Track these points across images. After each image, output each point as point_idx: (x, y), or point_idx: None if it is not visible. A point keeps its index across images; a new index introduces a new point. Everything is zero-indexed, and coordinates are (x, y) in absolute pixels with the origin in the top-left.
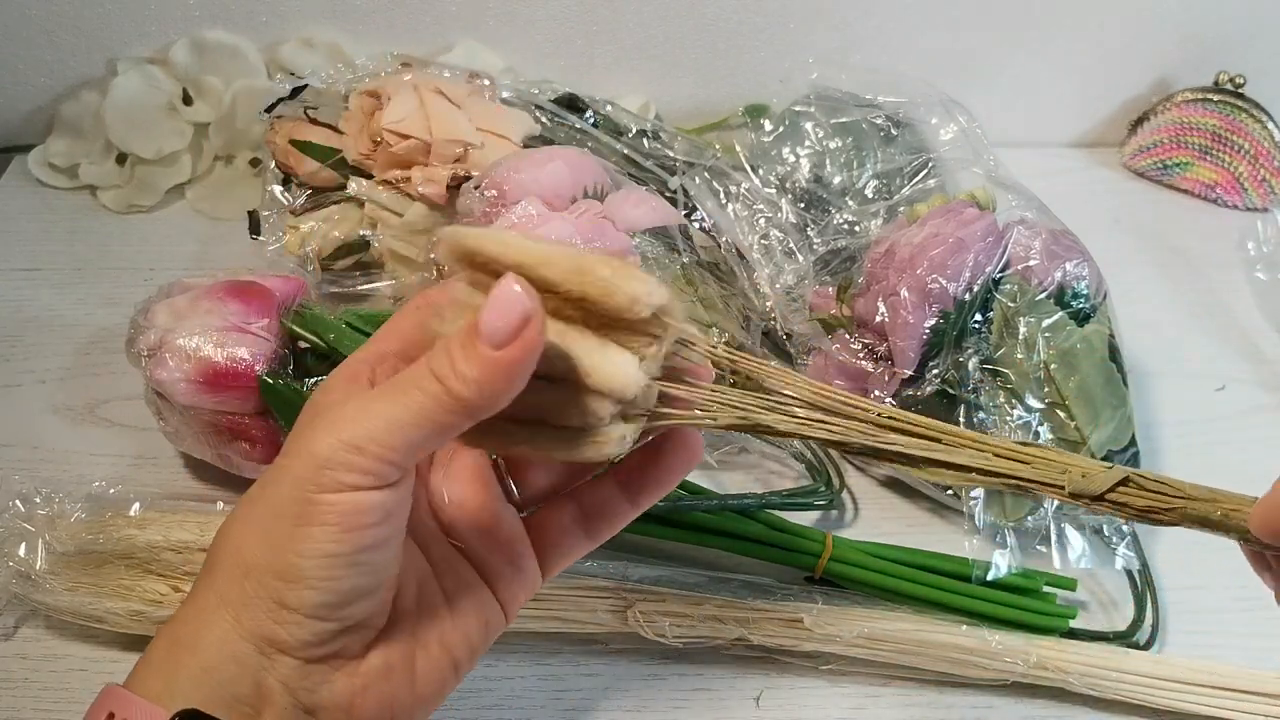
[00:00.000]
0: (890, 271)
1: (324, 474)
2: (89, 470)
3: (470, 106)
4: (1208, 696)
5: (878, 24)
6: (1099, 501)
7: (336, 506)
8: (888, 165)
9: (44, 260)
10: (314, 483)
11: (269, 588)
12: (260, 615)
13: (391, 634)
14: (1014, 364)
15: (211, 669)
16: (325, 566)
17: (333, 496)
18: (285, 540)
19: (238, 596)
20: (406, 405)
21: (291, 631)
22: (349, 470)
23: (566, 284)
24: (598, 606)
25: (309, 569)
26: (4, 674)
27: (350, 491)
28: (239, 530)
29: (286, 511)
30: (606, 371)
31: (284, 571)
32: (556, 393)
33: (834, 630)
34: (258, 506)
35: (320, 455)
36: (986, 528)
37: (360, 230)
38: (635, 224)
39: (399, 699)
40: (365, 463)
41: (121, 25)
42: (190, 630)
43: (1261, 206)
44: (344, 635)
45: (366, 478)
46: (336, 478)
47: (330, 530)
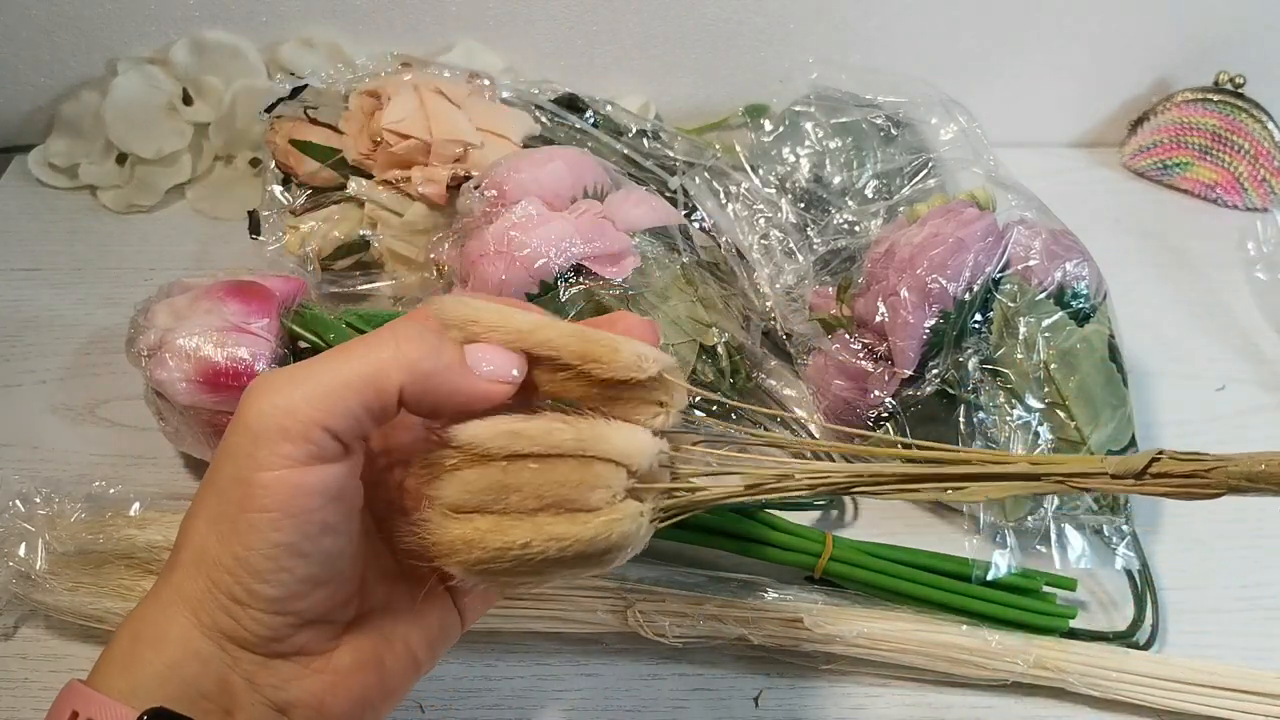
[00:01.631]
0: (890, 271)
1: (258, 447)
2: (89, 470)
3: (470, 106)
4: (1207, 696)
5: (878, 24)
6: (1142, 479)
7: (273, 489)
8: (888, 165)
9: (44, 260)
10: (250, 458)
11: (221, 582)
12: (216, 611)
13: (360, 631)
14: (1014, 364)
15: (175, 666)
16: (272, 557)
17: (268, 476)
18: (230, 530)
19: (194, 591)
20: (347, 362)
21: (249, 627)
22: (282, 439)
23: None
24: (598, 606)
25: (256, 561)
26: (4, 674)
27: (287, 468)
28: (192, 524)
29: (229, 496)
30: (617, 441)
31: (232, 565)
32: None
33: (834, 630)
34: (207, 491)
35: (251, 424)
36: (986, 528)
37: (360, 230)
38: (635, 224)
39: (369, 696)
40: (299, 428)
41: (121, 25)
42: (152, 626)
43: (1261, 206)
44: (306, 630)
45: (302, 448)
46: (272, 451)
47: (271, 516)
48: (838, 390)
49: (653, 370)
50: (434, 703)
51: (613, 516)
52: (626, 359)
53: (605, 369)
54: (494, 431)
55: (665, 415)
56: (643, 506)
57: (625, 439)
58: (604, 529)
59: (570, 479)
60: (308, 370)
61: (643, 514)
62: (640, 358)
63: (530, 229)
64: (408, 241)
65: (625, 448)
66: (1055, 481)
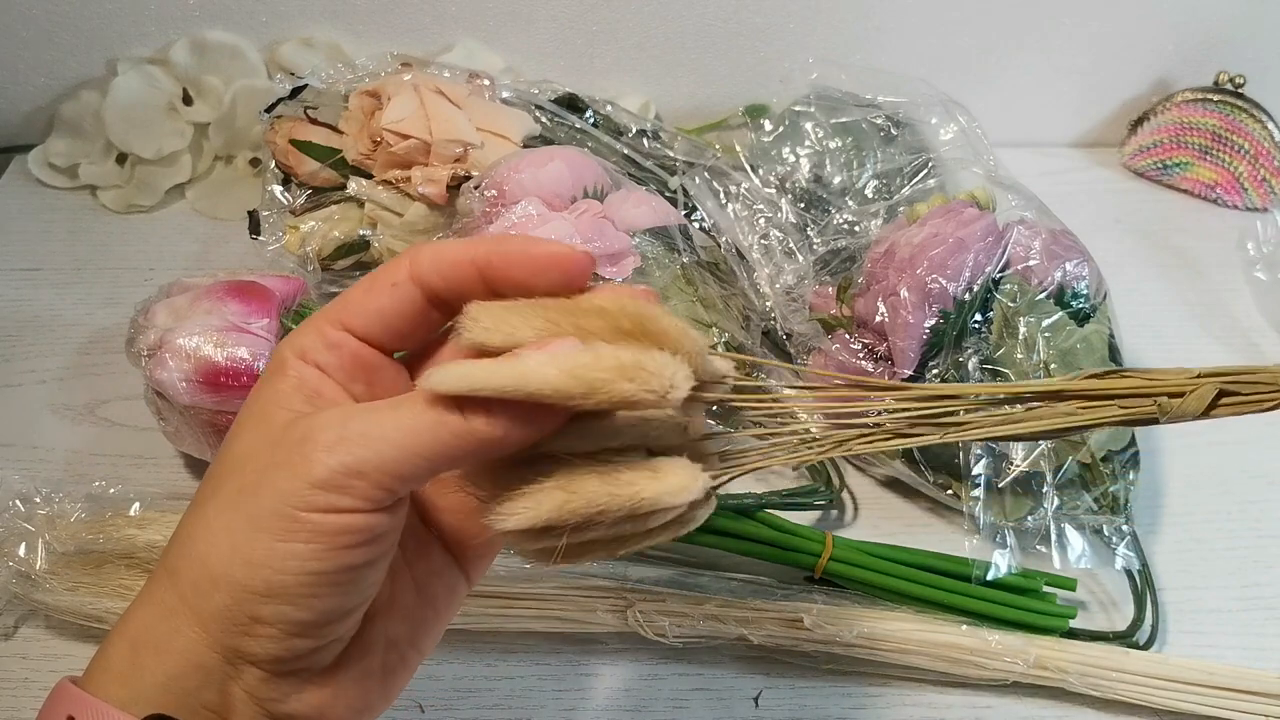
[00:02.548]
0: (890, 271)
1: (317, 495)
2: (89, 470)
3: (470, 106)
4: (1207, 696)
5: (878, 24)
6: (1204, 418)
7: (323, 526)
8: (888, 165)
9: (44, 260)
10: (303, 501)
11: (242, 601)
12: (232, 629)
13: (363, 641)
14: (1014, 364)
15: (177, 676)
16: (307, 584)
17: (319, 517)
18: (264, 555)
19: (209, 608)
20: (422, 435)
21: (264, 646)
22: (344, 495)
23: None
24: (598, 606)
25: (291, 585)
26: (4, 674)
27: (340, 514)
28: (206, 536)
29: (267, 526)
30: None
31: (261, 588)
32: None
33: (834, 630)
34: (229, 515)
35: (316, 477)
36: (986, 528)
37: (360, 230)
38: (635, 224)
39: (369, 702)
40: (364, 489)
41: (121, 25)
42: (153, 635)
43: (1261, 206)
44: (317, 651)
45: (361, 503)
46: (330, 500)
47: (315, 548)
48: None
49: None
50: (434, 703)
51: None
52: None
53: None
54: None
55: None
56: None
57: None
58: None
59: (633, 528)
60: (382, 427)
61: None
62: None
63: (530, 229)
64: (408, 241)
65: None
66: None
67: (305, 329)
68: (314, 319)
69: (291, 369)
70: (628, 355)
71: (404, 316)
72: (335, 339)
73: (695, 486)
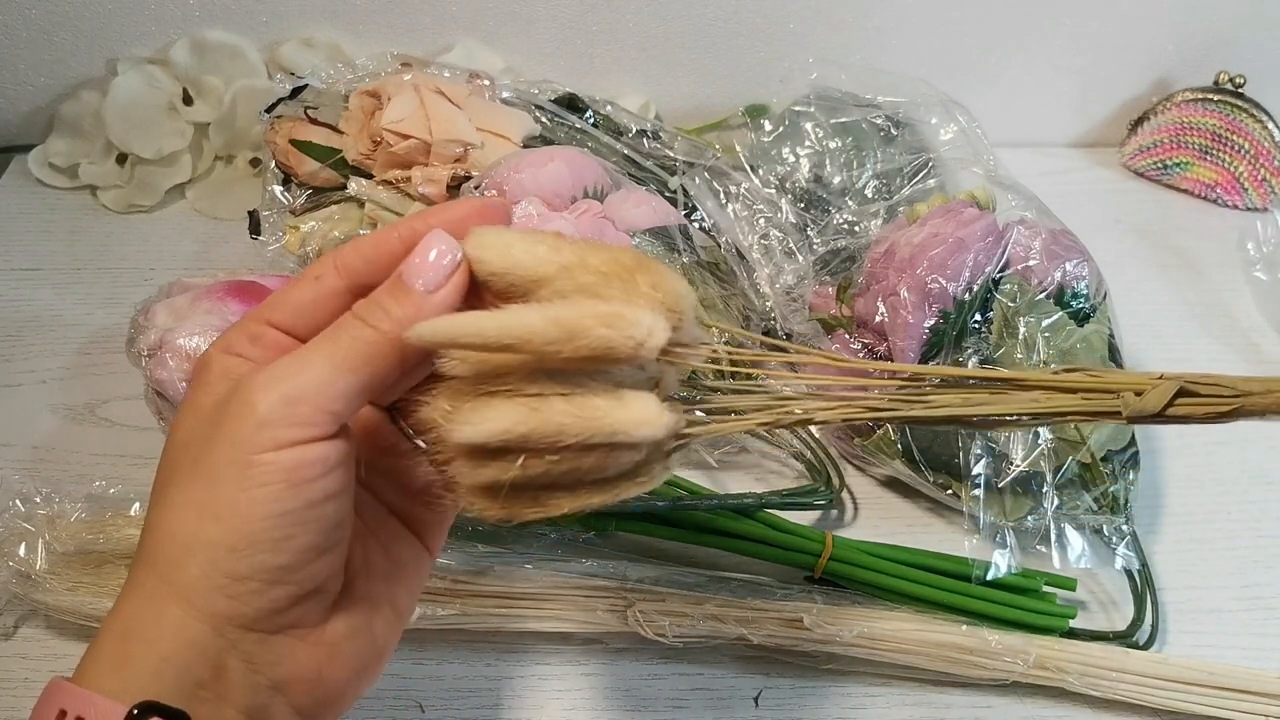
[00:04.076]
0: (890, 271)
1: (263, 433)
2: (89, 470)
3: (470, 106)
4: (1207, 696)
5: (878, 24)
6: (1159, 419)
7: (278, 462)
8: (888, 165)
9: (44, 260)
10: (253, 443)
11: (219, 561)
12: (212, 593)
13: (349, 598)
14: (1014, 364)
15: (169, 658)
16: (277, 526)
17: (271, 454)
18: (229, 508)
19: (186, 579)
20: (339, 351)
21: (249, 602)
22: (289, 424)
23: (562, 352)
24: (598, 606)
25: (260, 531)
26: (4, 674)
27: (291, 447)
28: (170, 513)
29: (225, 477)
30: (630, 425)
31: (234, 541)
32: (588, 457)
33: (834, 630)
34: (188, 487)
35: (259, 413)
36: (986, 528)
37: (360, 230)
38: (635, 224)
39: (364, 659)
40: (305, 413)
41: (121, 25)
42: (141, 621)
43: (1261, 206)
44: (304, 602)
45: (307, 429)
46: (276, 435)
47: (276, 488)
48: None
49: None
50: (434, 703)
51: (639, 479)
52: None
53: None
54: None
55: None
56: (666, 463)
57: (636, 424)
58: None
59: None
60: (308, 358)
61: (666, 468)
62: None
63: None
64: None
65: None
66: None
67: (230, 329)
68: (240, 320)
69: (215, 363)
70: (606, 306)
71: (325, 306)
72: (257, 332)
73: (660, 422)
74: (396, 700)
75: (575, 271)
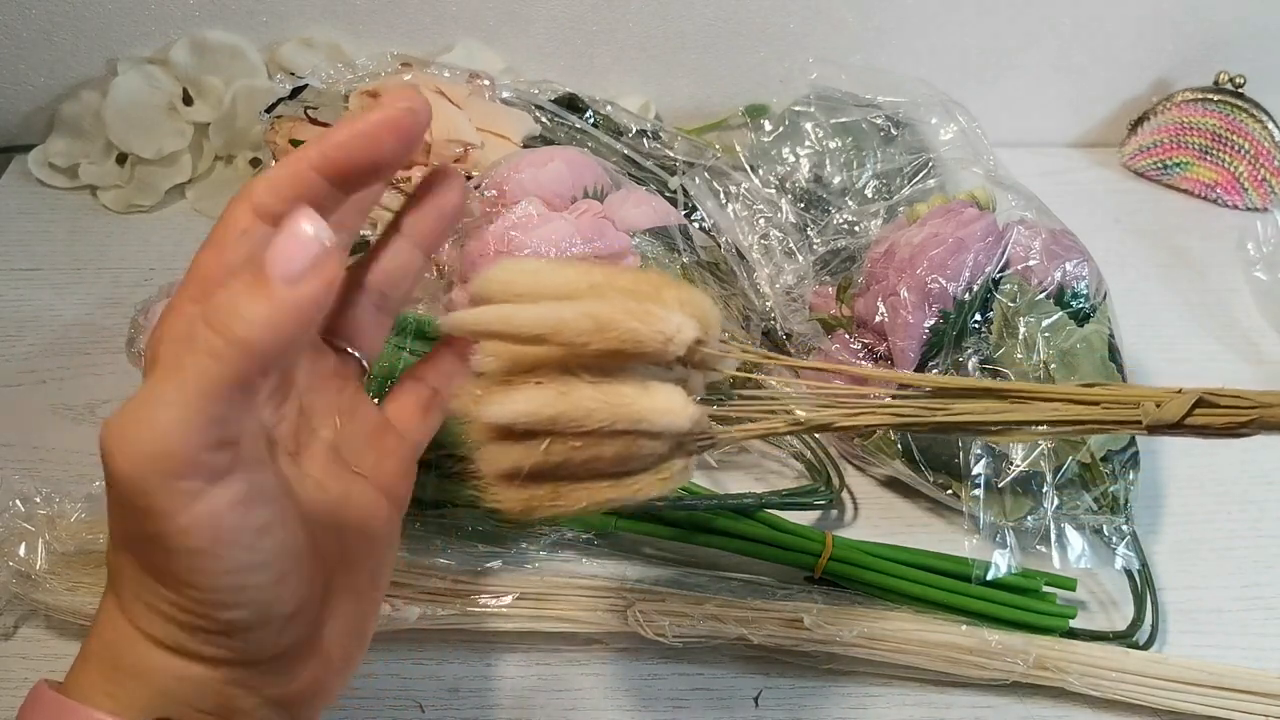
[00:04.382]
0: (890, 271)
1: (152, 500)
2: (89, 470)
3: (470, 106)
4: (1207, 696)
5: (878, 24)
6: (1178, 429)
7: (193, 532)
8: (888, 165)
9: (44, 260)
10: (150, 513)
11: (190, 621)
12: (198, 644)
13: (333, 599)
14: (1014, 364)
15: (167, 692)
16: (227, 586)
17: (182, 521)
18: (174, 581)
19: (167, 633)
20: (189, 380)
21: (235, 649)
22: (172, 481)
23: (593, 344)
24: (598, 606)
25: (213, 596)
26: (4, 674)
27: (193, 504)
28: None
29: (153, 552)
30: (656, 414)
31: (193, 606)
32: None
33: (834, 630)
34: (125, 550)
35: (133, 482)
36: (986, 528)
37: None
38: (635, 224)
39: (351, 653)
40: (176, 467)
41: (121, 25)
42: (130, 658)
43: (1261, 206)
44: (290, 627)
45: (197, 478)
46: (167, 498)
47: (205, 555)
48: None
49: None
50: (434, 703)
51: (660, 476)
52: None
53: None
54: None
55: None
56: (688, 461)
57: (661, 413)
58: (652, 488)
59: (618, 454)
60: (154, 398)
61: (687, 466)
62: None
63: (530, 229)
64: None
65: (663, 423)
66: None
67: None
68: (178, 304)
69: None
70: (637, 303)
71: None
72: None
73: (685, 413)
74: (396, 700)
75: (604, 290)
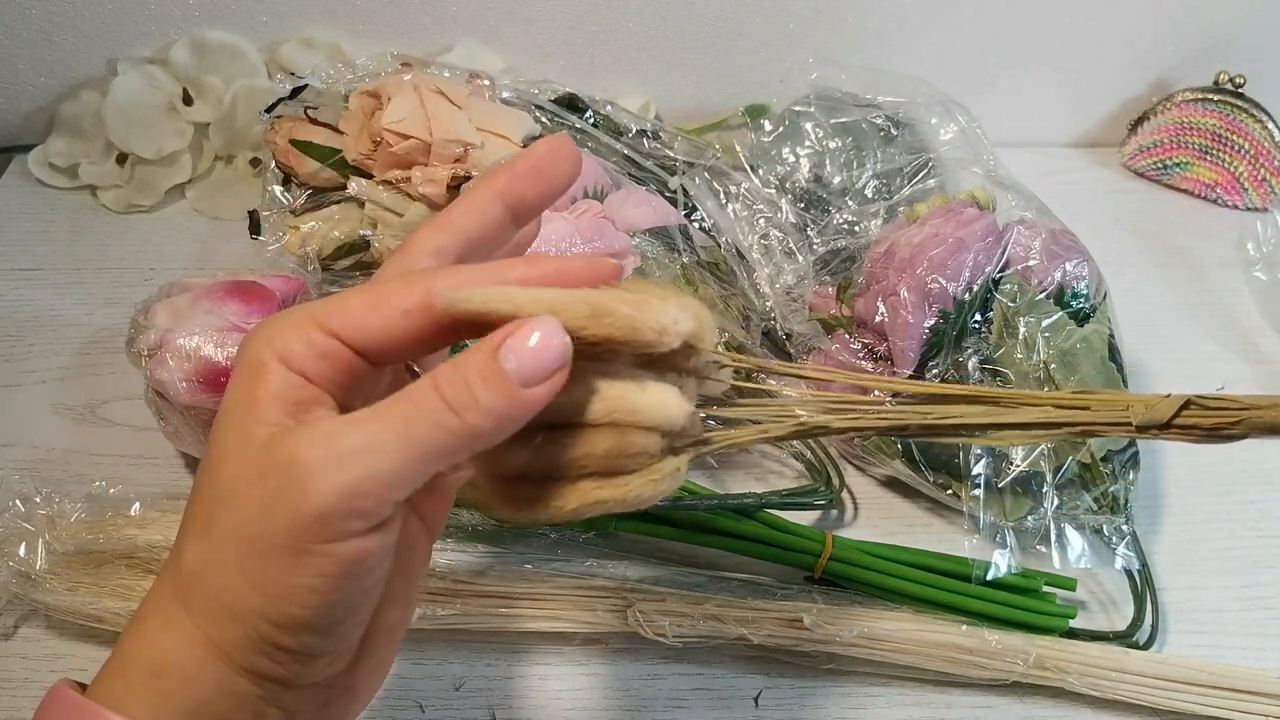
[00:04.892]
0: (890, 271)
1: (324, 526)
2: (89, 470)
3: (470, 106)
4: (1207, 696)
5: (878, 24)
6: (1168, 429)
7: (336, 555)
8: (888, 165)
9: (44, 260)
10: (309, 533)
11: (263, 632)
12: (257, 657)
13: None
14: (1014, 364)
15: (206, 703)
16: (329, 613)
17: (332, 547)
18: (278, 589)
19: (230, 640)
20: (416, 438)
21: (292, 669)
22: (351, 518)
23: (588, 330)
24: (598, 606)
25: (310, 617)
26: (4, 674)
27: (352, 539)
28: (218, 571)
29: (278, 561)
30: (650, 407)
31: (281, 620)
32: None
33: (834, 630)
34: (236, 549)
35: (317, 506)
36: (986, 528)
37: (360, 230)
38: (635, 224)
39: (374, 687)
40: (370, 506)
41: (121, 25)
42: (174, 662)
43: (1261, 206)
44: (337, 660)
45: (369, 521)
46: (337, 527)
47: (332, 579)
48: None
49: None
50: (434, 703)
51: (651, 478)
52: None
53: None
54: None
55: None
56: (679, 461)
57: (655, 405)
58: (643, 489)
59: (610, 450)
60: (373, 440)
61: (679, 469)
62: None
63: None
64: None
65: (657, 415)
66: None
67: (288, 330)
68: (297, 319)
69: (273, 376)
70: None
71: (412, 341)
72: (326, 348)
73: (679, 408)
74: (397, 700)
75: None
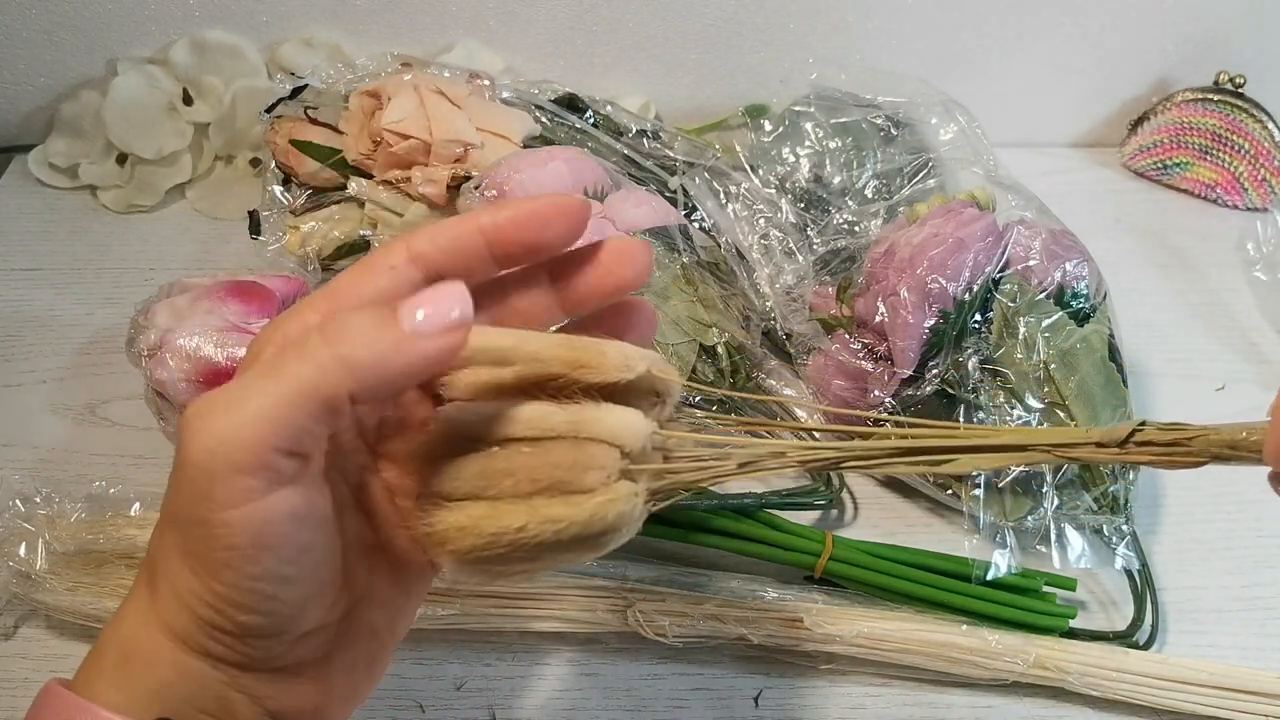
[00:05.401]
0: (890, 271)
1: (214, 485)
2: (89, 470)
3: (470, 106)
4: (1207, 696)
5: (878, 24)
6: (1125, 446)
7: (239, 526)
8: (888, 165)
9: (44, 260)
10: (207, 498)
11: (208, 617)
12: (206, 640)
13: (350, 628)
14: (1014, 364)
15: (170, 685)
16: (255, 590)
17: (232, 514)
18: (204, 568)
19: (180, 623)
20: (284, 381)
21: (243, 652)
22: (236, 473)
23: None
24: (598, 606)
25: (238, 596)
26: (4, 674)
27: (250, 503)
28: (162, 549)
29: (194, 535)
30: (614, 419)
31: (215, 601)
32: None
33: (834, 630)
34: (170, 526)
35: (199, 462)
36: (986, 528)
37: (360, 230)
38: (635, 224)
39: (357, 689)
40: (250, 458)
41: (121, 25)
42: (140, 646)
43: (1261, 206)
44: (298, 645)
45: (260, 478)
46: (228, 487)
47: (244, 552)
48: (838, 390)
49: (640, 369)
50: (434, 703)
51: (608, 497)
52: (614, 360)
53: (595, 373)
54: (483, 417)
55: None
56: (637, 487)
57: (617, 419)
58: (600, 510)
59: (564, 460)
60: (244, 391)
61: (637, 494)
62: (627, 358)
63: None
64: None
65: (617, 428)
66: (1042, 451)
67: (288, 316)
68: (300, 311)
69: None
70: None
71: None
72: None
73: (641, 428)
74: (397, 700)
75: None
